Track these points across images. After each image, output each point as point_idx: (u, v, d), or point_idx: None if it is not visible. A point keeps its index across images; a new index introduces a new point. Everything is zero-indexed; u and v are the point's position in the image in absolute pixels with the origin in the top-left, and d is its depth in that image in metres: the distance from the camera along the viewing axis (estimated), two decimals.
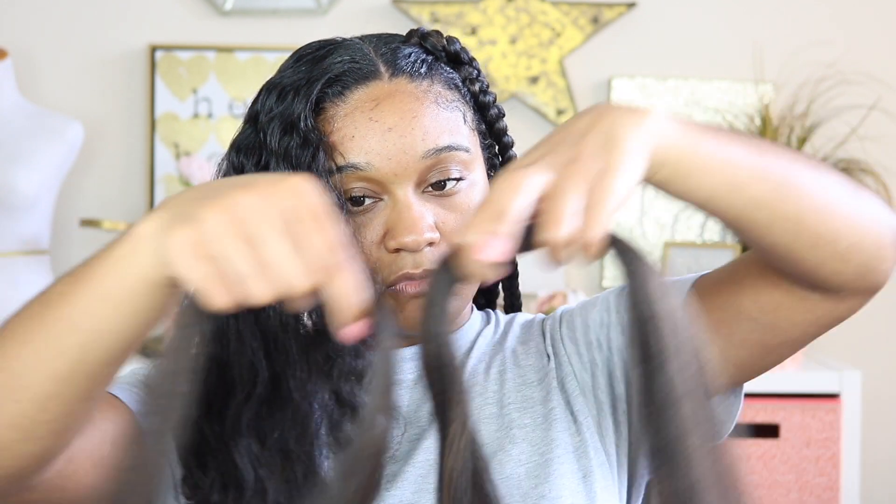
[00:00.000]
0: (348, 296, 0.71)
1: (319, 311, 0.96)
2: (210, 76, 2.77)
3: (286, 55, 1.05)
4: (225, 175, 1.01)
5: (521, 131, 2.79)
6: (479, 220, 0.73)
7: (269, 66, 2.75)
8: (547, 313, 0.99)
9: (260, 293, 0.69)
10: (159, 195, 2.76)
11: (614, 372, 1.04)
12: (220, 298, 0.69)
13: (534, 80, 2.78)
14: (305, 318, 0.97)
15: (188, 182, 2.70)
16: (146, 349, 3.05)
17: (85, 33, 2.80)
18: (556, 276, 2.80)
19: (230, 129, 2.70)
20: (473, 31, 2.78)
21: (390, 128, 0.97)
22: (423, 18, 2.77)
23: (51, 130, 2.61)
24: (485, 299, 1.17)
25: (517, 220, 0.72)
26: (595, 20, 2.78)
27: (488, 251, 0.72)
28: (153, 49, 2.76)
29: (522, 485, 1.00)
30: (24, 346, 0.77)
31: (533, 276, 2.84)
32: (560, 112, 2.78)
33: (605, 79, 2.82)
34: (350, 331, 0.72)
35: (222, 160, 1.02)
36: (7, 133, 2.59)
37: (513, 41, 2.79)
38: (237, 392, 0.96)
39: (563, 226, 0.72)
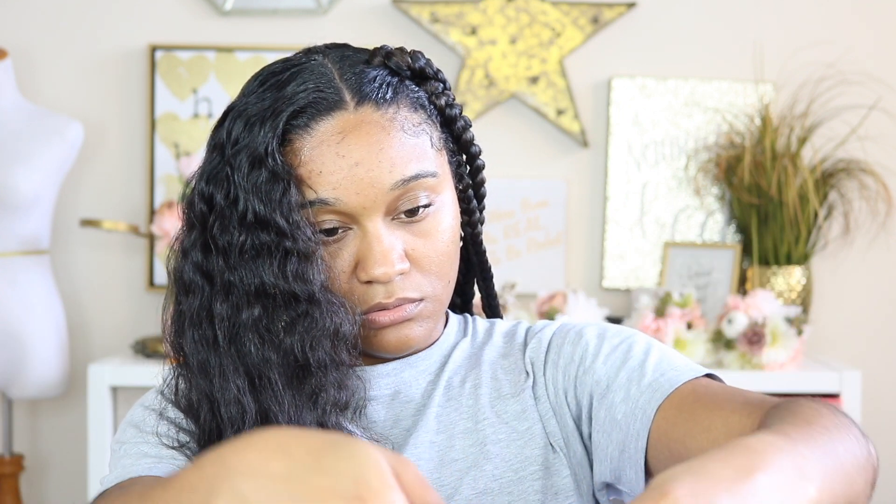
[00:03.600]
0: None
1: (298, 331, 0.97)
2: (210, 76, 2.77)
3: (286, 55, 1.05)
4: (191, 202, 1.02)
5: (521, 131, 2.82)
6: None
7: None
8: (547, 314, 0.99)
9: None
10: (159, 195, 2.75)
11: (582, 409, 1.05)
12: None
13: (534, 80, 2.78)
14: (287, 344, 0.97)
15: (188, 182, 2.70)
16: (146, 349, 3.04)
17: (85, 33, 2.80)
18: (557, 277, 2.80)
19: None
20: (473, 31, 2.78)
21: (357, 162, 0.98)
22: (423, 18, 2.77)
23: (51, 130, 2.61)
24: (461, 300, 1.18)
25: None
26: (595, 20, 2.78)
27: None
28: (153, 49, 2.76)
29: (497, 500, 1.02)
30: None
31: (533, 276, 2.84)
32: (560, 112, 2.78)
33: (605, 79, 2.82)
34: None
35: (191, 185, 1.02)
36: (7, 133, 2.59)
37: (513, 41, 2.78)
38: (227, 431, 0.96)
39: None
